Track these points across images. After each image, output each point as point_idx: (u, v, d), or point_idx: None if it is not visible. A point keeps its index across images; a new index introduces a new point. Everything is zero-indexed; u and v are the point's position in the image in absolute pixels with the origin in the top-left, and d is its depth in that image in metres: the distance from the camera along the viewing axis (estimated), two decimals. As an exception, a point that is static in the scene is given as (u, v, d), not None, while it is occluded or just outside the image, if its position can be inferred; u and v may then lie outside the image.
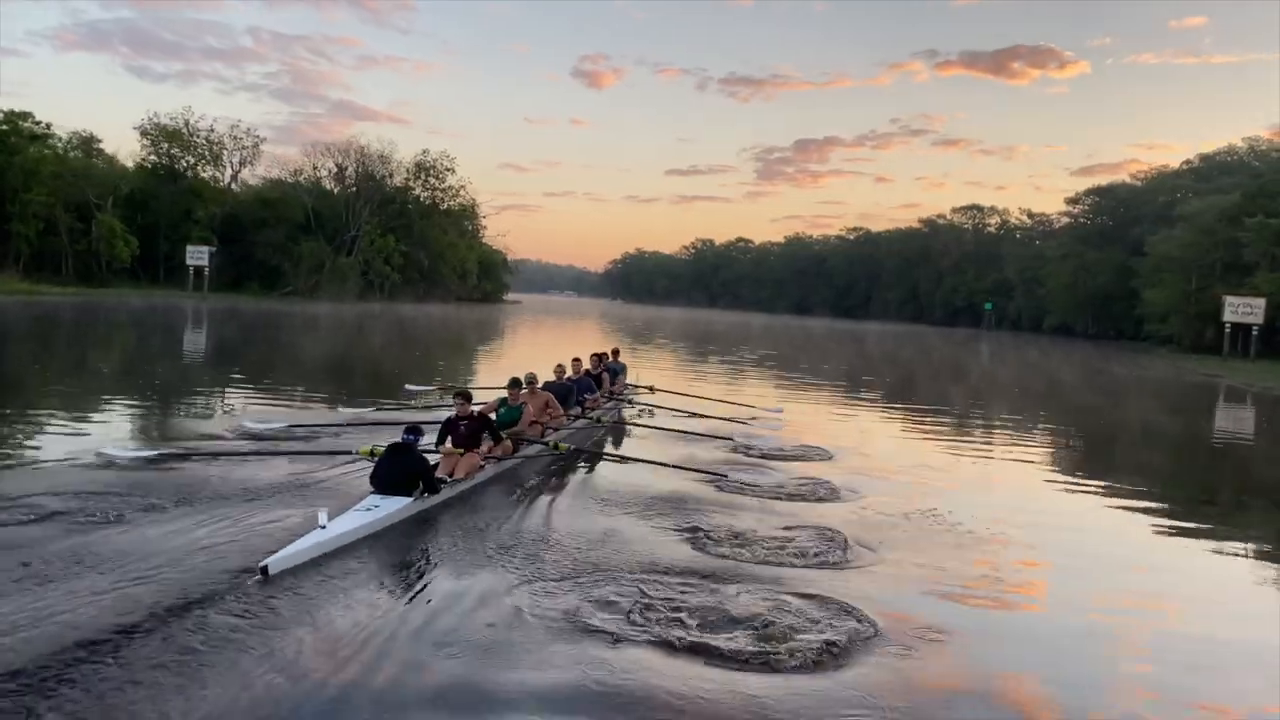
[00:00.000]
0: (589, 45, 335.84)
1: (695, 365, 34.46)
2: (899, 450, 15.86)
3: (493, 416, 10.70)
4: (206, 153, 76.81)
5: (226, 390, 19.11)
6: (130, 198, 70.53)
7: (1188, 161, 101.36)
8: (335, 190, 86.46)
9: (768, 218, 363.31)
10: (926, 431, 19.10)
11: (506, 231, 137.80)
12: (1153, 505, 12.21)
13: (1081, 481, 13.84)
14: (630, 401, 17.57)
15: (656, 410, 17.13)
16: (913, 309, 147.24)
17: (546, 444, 11.17)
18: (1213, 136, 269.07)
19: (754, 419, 16.61)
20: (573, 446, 11.60)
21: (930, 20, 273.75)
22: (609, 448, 13.54)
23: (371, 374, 24.27)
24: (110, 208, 66.65)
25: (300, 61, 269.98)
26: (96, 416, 13.97)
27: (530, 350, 38.57)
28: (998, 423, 21.94)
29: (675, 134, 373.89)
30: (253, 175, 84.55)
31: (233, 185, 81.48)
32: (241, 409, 15.36)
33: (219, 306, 58.30)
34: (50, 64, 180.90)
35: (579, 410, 13.85)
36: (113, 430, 12.54)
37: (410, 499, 8.06)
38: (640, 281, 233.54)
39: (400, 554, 7.22)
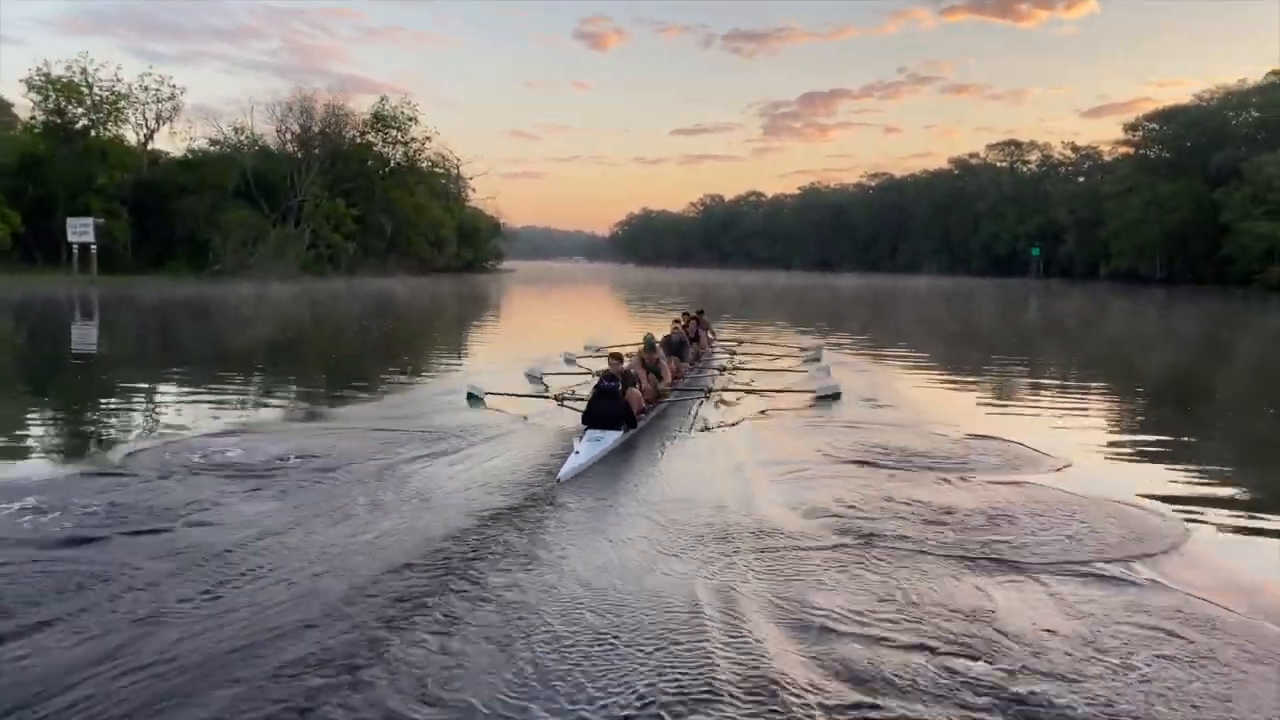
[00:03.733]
0: (589, 7, 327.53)
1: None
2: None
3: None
4: (111, 108, 63.85)
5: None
6: (21, 166, 58.36)
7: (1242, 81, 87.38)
8: (281, 150, 73.76)
9: (776, 173, 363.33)
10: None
11: (496, 194, 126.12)
12: None
13: None
14: (728, 357, 18.07)
15: (743, 365, 17.01)
16: (947, 259, 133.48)
17: (698, 390, 13.35)
18: (1224, 71, 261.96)
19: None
20: (711, 388, 13.49)
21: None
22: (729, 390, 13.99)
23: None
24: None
25: (301, 36, 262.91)
26: None
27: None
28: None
29: (680, 93, 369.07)
30: (190, 138, 72.20)
31: (149, 146, 68.75)
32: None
33: (110, 292, 46.58)
34: (53, 50, 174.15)
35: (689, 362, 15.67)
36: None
37: (620, 432, 9.90)
38: (648, 242, 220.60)
39: (629, 465, 9.22)
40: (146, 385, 15.70)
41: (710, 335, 19.40)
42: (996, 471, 9.17)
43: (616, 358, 11.05)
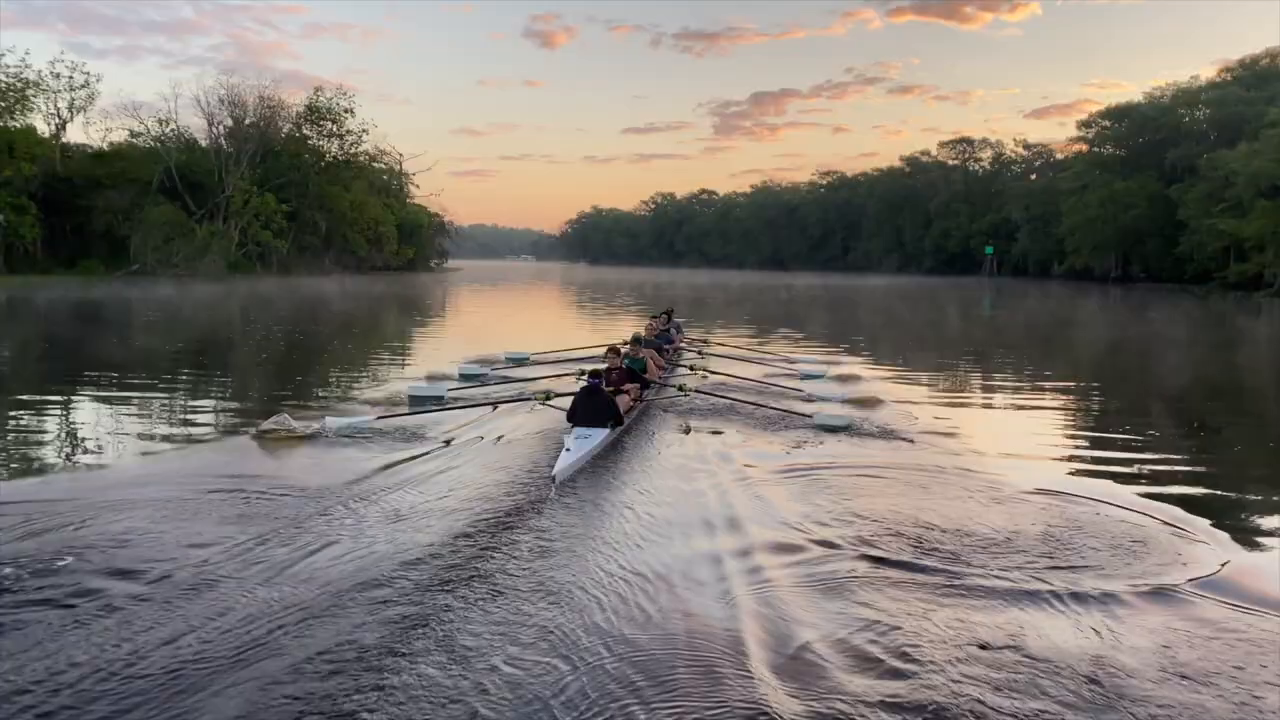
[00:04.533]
0: (539, 4, 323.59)
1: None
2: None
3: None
4: (18, 96, 59.29)
5: None
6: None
7: (1192, 76, 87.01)
8: (212, 144, 69.65)
9: (727, 173, 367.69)
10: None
11: (441, 190, 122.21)
12: None
13: None
14: (697, 357, 17.42)
15: (713, 364, 16.24)
16: (899, 258, 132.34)
17: (674, 386, 13.06)
18: (1162, 73, 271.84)
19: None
20: (693, 388, 12.92)
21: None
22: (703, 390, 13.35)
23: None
24: None
25: (246, 32, 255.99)
26: None
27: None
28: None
29: (631, 92, 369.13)
30: (108, 130, 67.87)
31: (62, 139, 64.33)
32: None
33: (6, 294, 42.66)
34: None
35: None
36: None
37: (607, 429, 9.63)
38: (599, 241, 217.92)
39: (620, 462, 9.16)
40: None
41: (679, 334, 19.45)
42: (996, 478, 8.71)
43: (615, 353, 11.46)
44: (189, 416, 12.44)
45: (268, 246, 65.22)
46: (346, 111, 75.14)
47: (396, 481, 8.06)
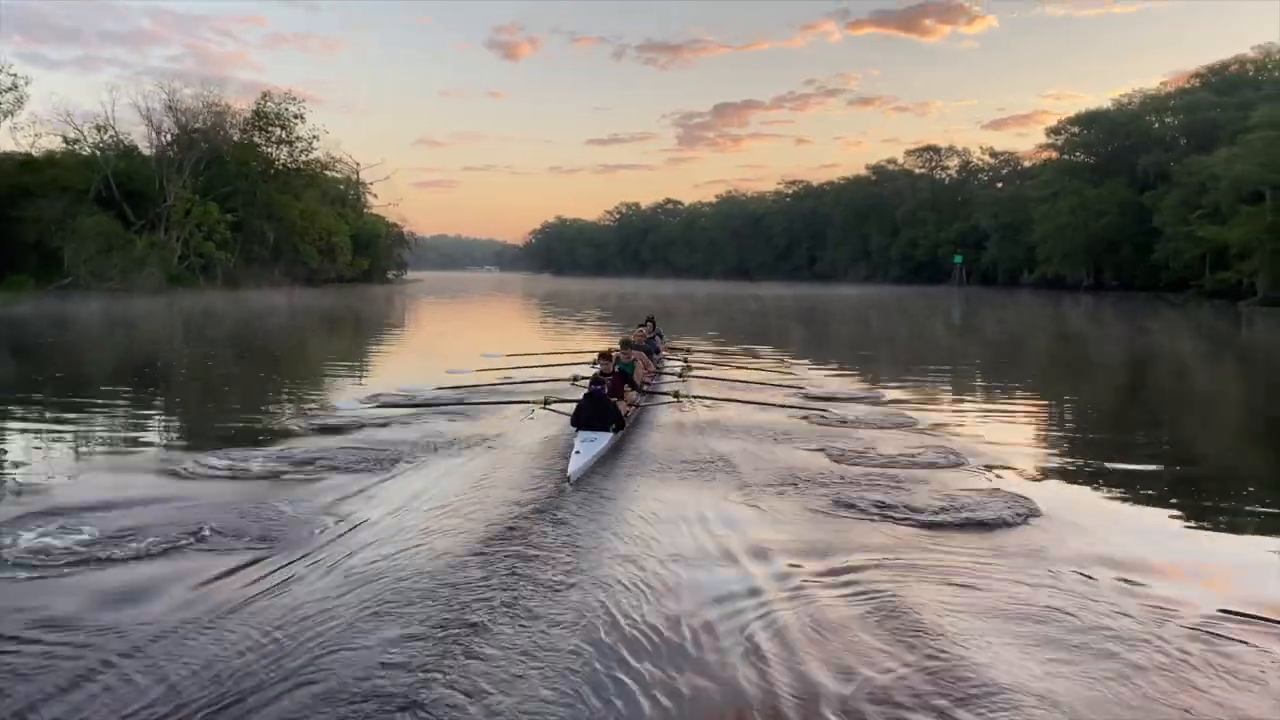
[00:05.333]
0: (502, 15, 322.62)
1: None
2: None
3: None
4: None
5: None
6: None
7: (1166, 81, 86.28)
8: (158, 151, 66.08)
9: (691, 183, 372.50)
10: None
11: (400, 199, 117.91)
12: None
13: None
14: (683, 364, 17.82)
15: (698, 369, 17.07)
16: (865, 267, 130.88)
17: (667, 392, 13.35)
18: (1117, 85, 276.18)
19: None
20: (685, 393, 13.21)
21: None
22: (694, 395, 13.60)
23: None
24: None
25: (206, 43, 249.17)
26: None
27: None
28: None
29: (595, 103, 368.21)
30: (37, 135, 64.05)
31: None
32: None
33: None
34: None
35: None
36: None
37: (611, 432, 9.80)
38: (563, 251, 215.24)
39: (625, 462, 9.44)
40: None
41: (662, 341, 19.55)
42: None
43: (606, 357, 11.36)
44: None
45: (211, 258, 61.70)
46: (296, 117, 71.80)
47: (412, 485, 8.28)
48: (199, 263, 61.42)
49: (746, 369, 18.22)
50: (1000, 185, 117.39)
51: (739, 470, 9.03)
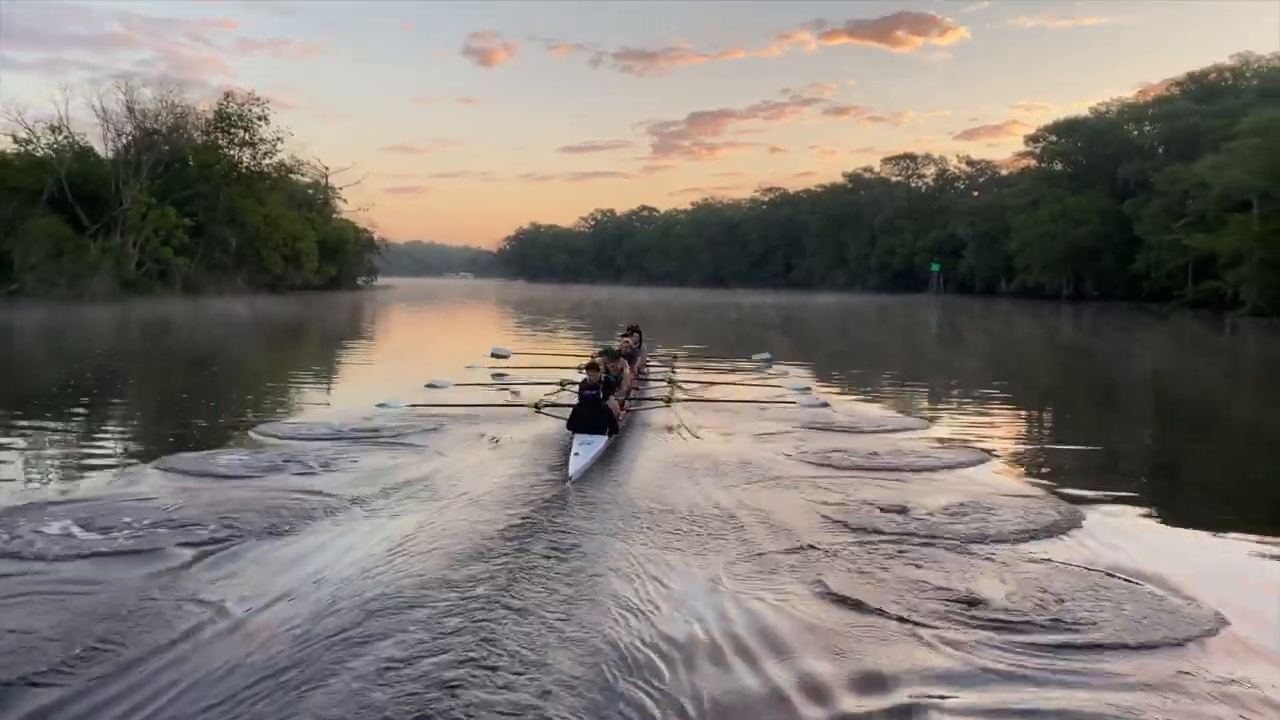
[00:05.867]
0: (478, 22, 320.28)
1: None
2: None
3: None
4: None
5: None
6: None
7: (1142, 88, 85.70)
8: (118, 153, 63.53)
9: (666, 191, 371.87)
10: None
11: (372, 204, 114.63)
12: None
13: None
14: (669, 371, 18.19)
15: (683, 375, 17.32)
16: (843, 276, 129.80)
17: (657, 398, 13.67)
18: (1086, 97, 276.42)
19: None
20: (676, 397, 13.66)
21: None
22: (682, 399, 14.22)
23: None
24: None
25: (178, 47, 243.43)
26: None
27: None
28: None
29: (570, 110, 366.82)
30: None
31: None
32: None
33: None
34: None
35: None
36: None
37: (605, 436, 10.09)
38: (537, 257, 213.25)
39: (621, 464, 9.64)
40: None
41: (644, 348, 19.66)
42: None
43: (594, 367, 11.19)
44: None
45: (169, 264, 59.26)
46: (259, 119, 69.52)
47: (416, 484, 8.40)
48: (156, 269, 58.97)
49: (733, 372, 19.07)
50: (976, 194, 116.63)
51: (726, 468, 9.40)
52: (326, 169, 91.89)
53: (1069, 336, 40.01)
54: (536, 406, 11.93)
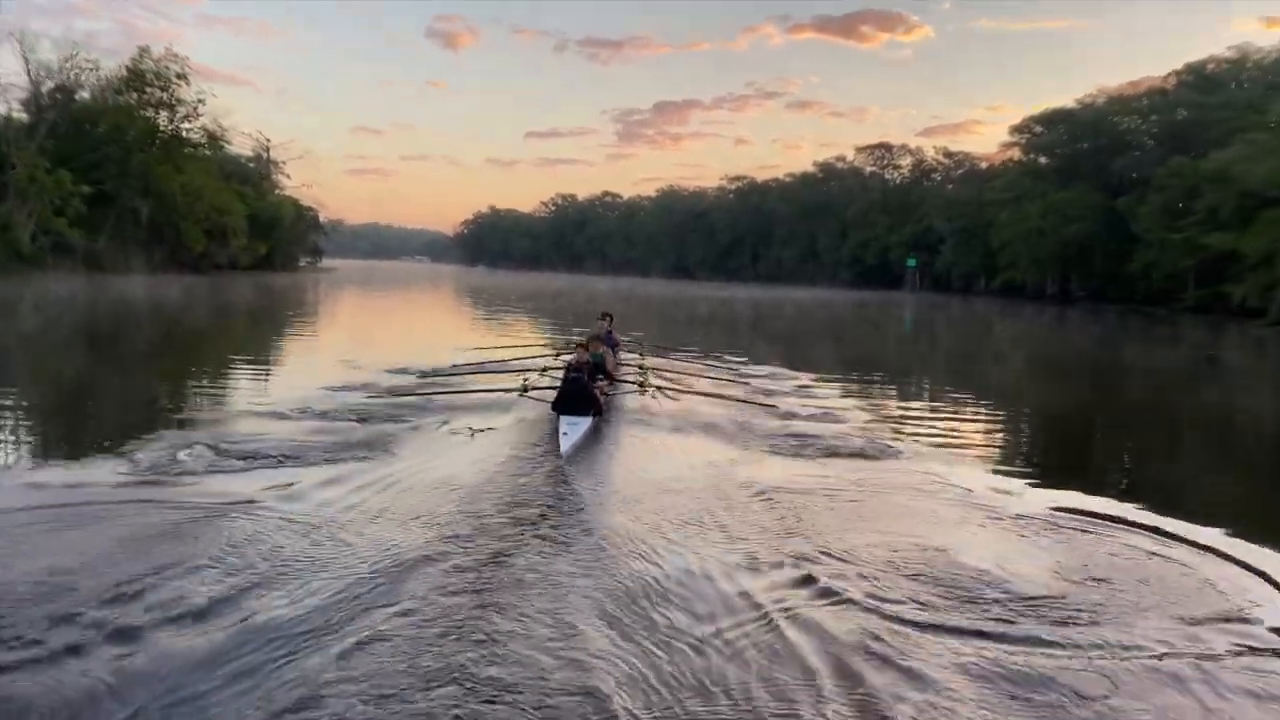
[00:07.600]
0: (442, 5, 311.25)
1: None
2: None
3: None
4: None
5: None
6: None
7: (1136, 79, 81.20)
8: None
9: (630, 179, 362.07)
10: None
11: (312, 183, 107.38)
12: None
13: None
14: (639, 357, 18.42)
15: (654, 361, 17.17)
16: (812, 269, 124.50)
17: (633, 382, 13.51)
18: (1045, 99, 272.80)
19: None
20: (654, 384, 13.37)
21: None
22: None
23: None
24: None
25: (135, 20, 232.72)
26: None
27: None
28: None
29: (535, 96, 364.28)
30: None
31: None
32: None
33: None
34: None
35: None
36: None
37: (590, 417, 10.37)
38: (496, 242, 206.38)
39: (607, 443, 10.09)
40: None
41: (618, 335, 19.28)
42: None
43: (583, 348, 11.88)
44: None
45: (64, 237, 52.21)
46: (179, 77, 62.44)
47: (413, 463, 8.57)
48: (49, 241, 51.92)
49: (703, 358, 19.96)
50: (952, 187, 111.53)
51: (705, 444, 10.26)
52: (268, 140, 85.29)
53: (1097, 351, 34.63)
54: (523, 390, 12.07)
